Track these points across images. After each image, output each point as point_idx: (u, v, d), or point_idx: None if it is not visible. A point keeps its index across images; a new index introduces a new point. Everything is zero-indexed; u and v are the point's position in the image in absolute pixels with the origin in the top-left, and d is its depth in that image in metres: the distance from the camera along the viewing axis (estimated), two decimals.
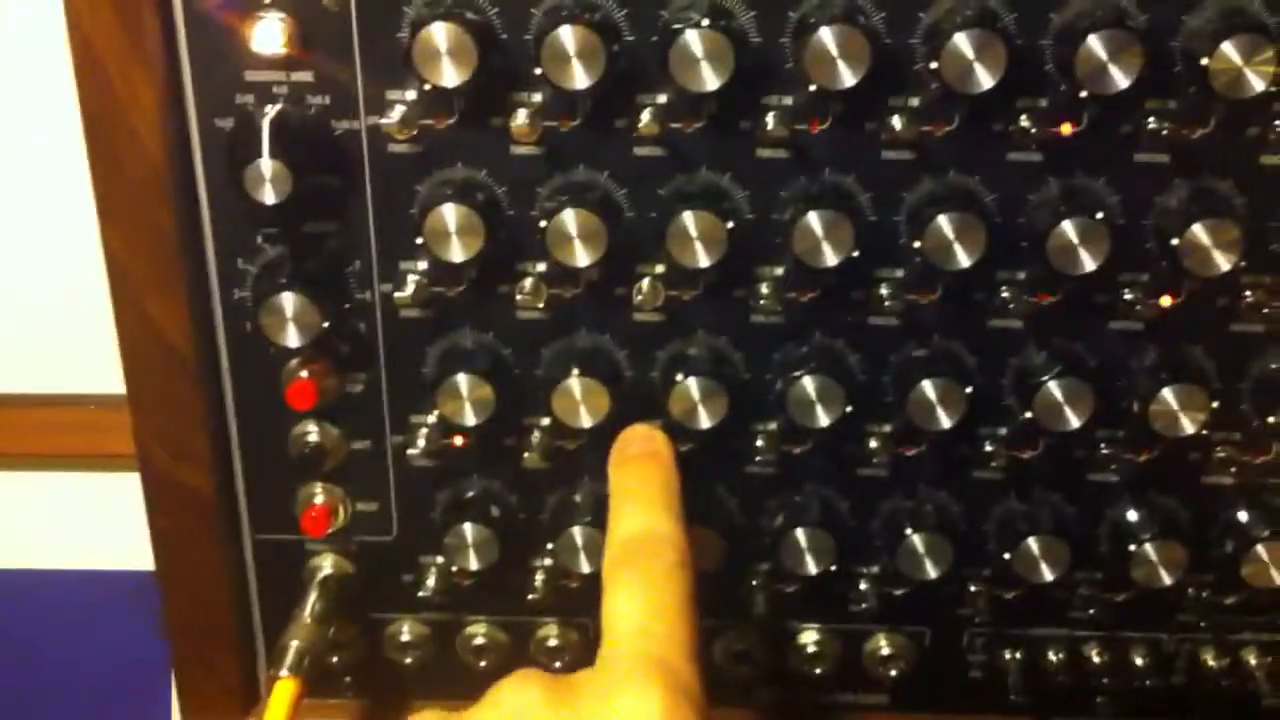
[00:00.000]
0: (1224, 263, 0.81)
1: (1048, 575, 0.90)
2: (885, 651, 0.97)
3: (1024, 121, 0.81)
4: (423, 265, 0.86)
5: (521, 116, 0.81)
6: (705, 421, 0.86)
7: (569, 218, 0.82)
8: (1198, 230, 0.81)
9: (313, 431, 0.91)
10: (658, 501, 0.79)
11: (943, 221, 0.81)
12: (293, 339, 0.85)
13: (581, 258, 0.82)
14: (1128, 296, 0.85)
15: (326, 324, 0.85)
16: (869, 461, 0.90)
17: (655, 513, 0.78)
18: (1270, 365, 0.87)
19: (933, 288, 0.86)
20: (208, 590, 0.95)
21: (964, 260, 0.82)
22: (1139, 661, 0.96)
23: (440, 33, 0.78)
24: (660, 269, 0.86)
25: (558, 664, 0.96)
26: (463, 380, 0.86)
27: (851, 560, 0.93)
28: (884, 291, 0.86)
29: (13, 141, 1.09)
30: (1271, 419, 0.87)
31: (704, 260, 0.82)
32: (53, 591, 1.25)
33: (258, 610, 0.97)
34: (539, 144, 0.83)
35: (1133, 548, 0.89)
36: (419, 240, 0.83)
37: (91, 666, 1.28)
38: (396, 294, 0.86)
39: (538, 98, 0.82)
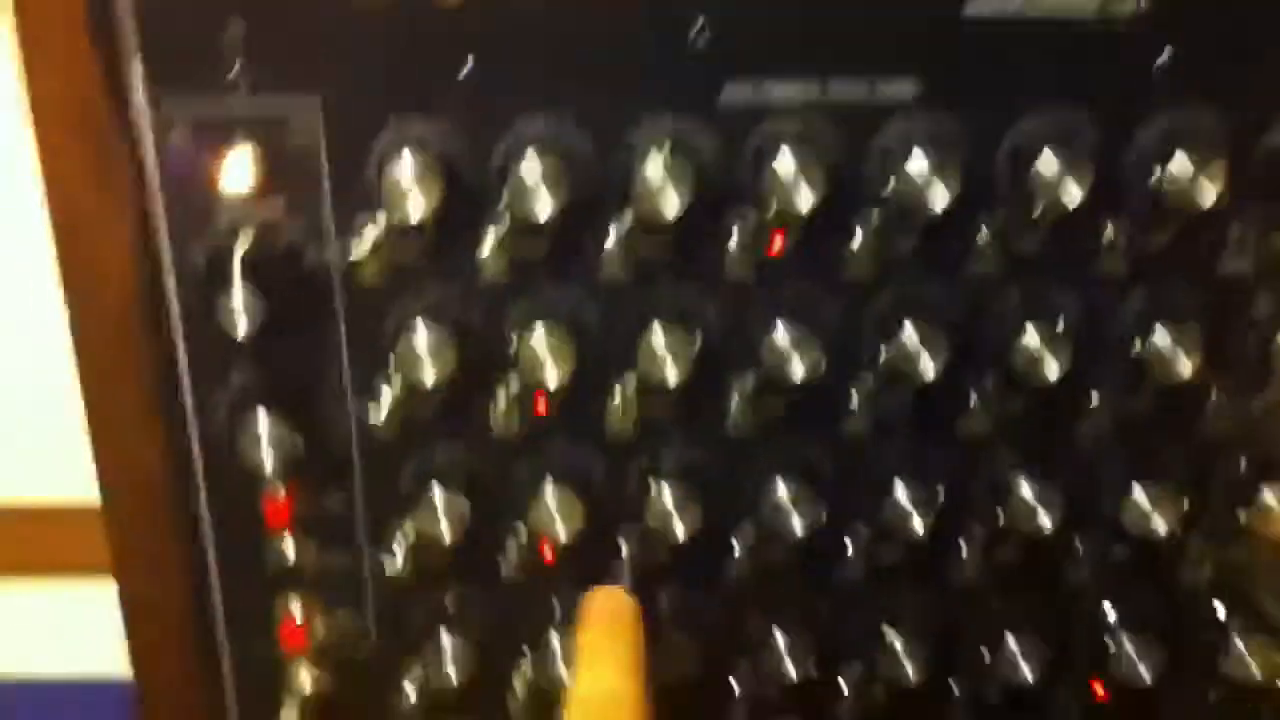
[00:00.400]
0: (1187, 369, 0.82)
1: (1028, 675, 0.91)
2: None
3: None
4: (396, 387, 0.87)
5: (488, 246, 0.83)
6: (681, 533, 0.87)
7: (539, 339, 0.83)
8: (1160, 335, 0.82)
9: (289, 547, 0.92)
10: (618, 661, 0.81)
11: (909, 331, 0.82)
12: (268, 460, 0.86)
13: (551, 378, 0.83)
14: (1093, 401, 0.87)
15: (301, 444, 0.86)
16: (847, 567, 0.91)
17: (615, 672, 0.80)
18: (1238, 465, 0.88)
19: (902, 398, 0.87)
20: (187, 706, 0.95)
21: (929, 370, 0.83)
22: None
23: (407, 165, 0.79)
24: (632, 385, 0.87)
25: None
26: (438, 495, 0.87)
27: (833, 665, 0.94)
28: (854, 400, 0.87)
29: None
30: (1243, 517, 0.88)
31: (673, 376, 0.83)
32: (36, 700, 1.25)
33: None
34: (507, 271, 0.84)
35: (1111, 645, 0.90)
36: (391, 364, 0.84)
37: None
38: (371, 419, 0.87)
39: (505, 227, 0.83)
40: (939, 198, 0.79)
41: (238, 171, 0.83)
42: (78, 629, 1.22)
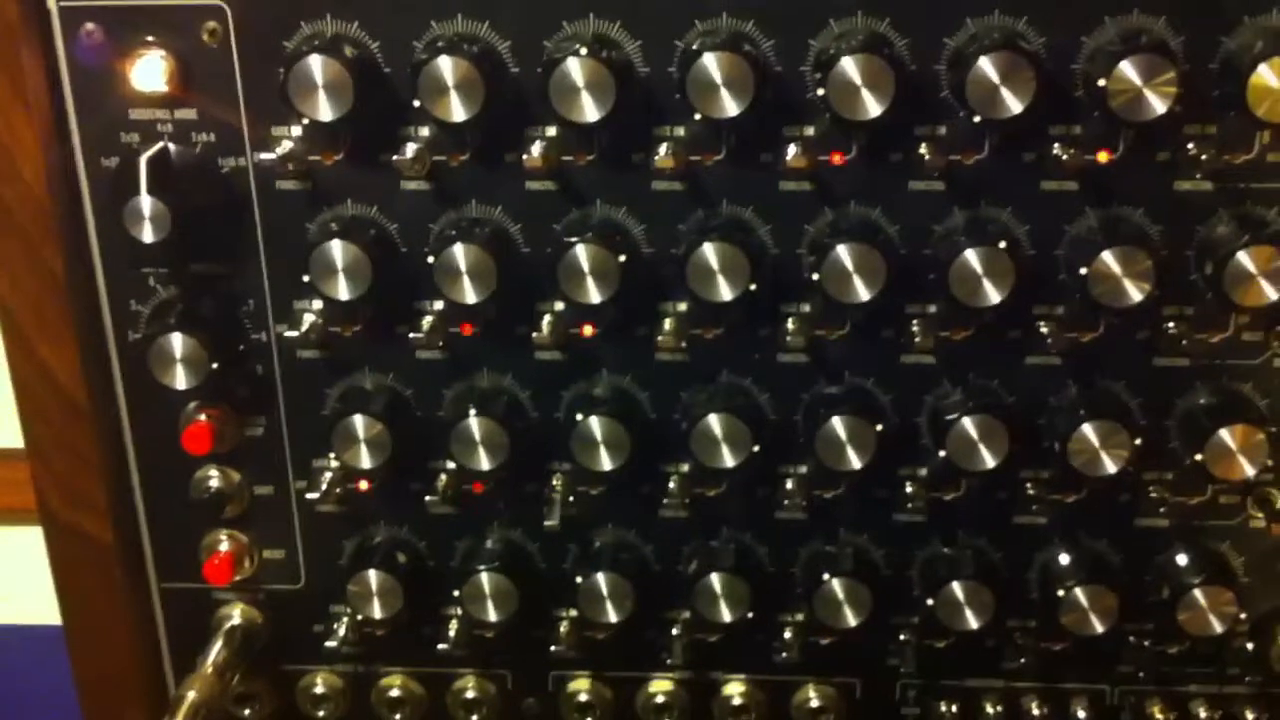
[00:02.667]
0: (1136, 293, 0.78)
1: (973, 622, 0.86)
2: (814, 703, 0.93)
3: (923, 150, 0.79)
4: (317, 305, 0.84)
5: (410, 151, 0.80)
6: (608, 463, 0.84)
7: (459, 253, 0.80)
8: (1107, 259, 0.78)
9: (214, 476, 0.89)
10: None
11: (840, 253, 0.79)
12: (182, 381, 0.84)
13: (471, 295, 0.80)
14: (1043, 329, 0.82)
15: (215, 364, 0.84)
16: (784, 504, 0.87)
17: None
18: (1197, 400, 0.84)
19: (840, 323, 0.83)
20: (115, 641, 0.93)
21: (863, 293, 0.79)
22: (1081, 714, 0.92)
23: (316, 67, 0.77)
24: (559, 306, 0.84)
25: (474, 717, 0.94)
26: (358, 421, 0.84)
27: (772, 608, 0.90)
28: (790, 327, 0.83)
29: None
30: (1200, 457, 0.83)
31: (597, 296, 0.80)
32: None
33: (168, 661, 0.95)
34: (428, 179, 0.82)
35: (1062, 593, 0.86)
36: (307, 279, 0.81)
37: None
38: (290, 333, 0.85)
39: (425, 132, 0.81)
40: (871, 106, 0.75)
41: (149, 76, 0.80)
42: (10, 575, 1.20)
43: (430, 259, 0.80)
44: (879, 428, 0.83)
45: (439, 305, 0.84)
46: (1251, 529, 0.87)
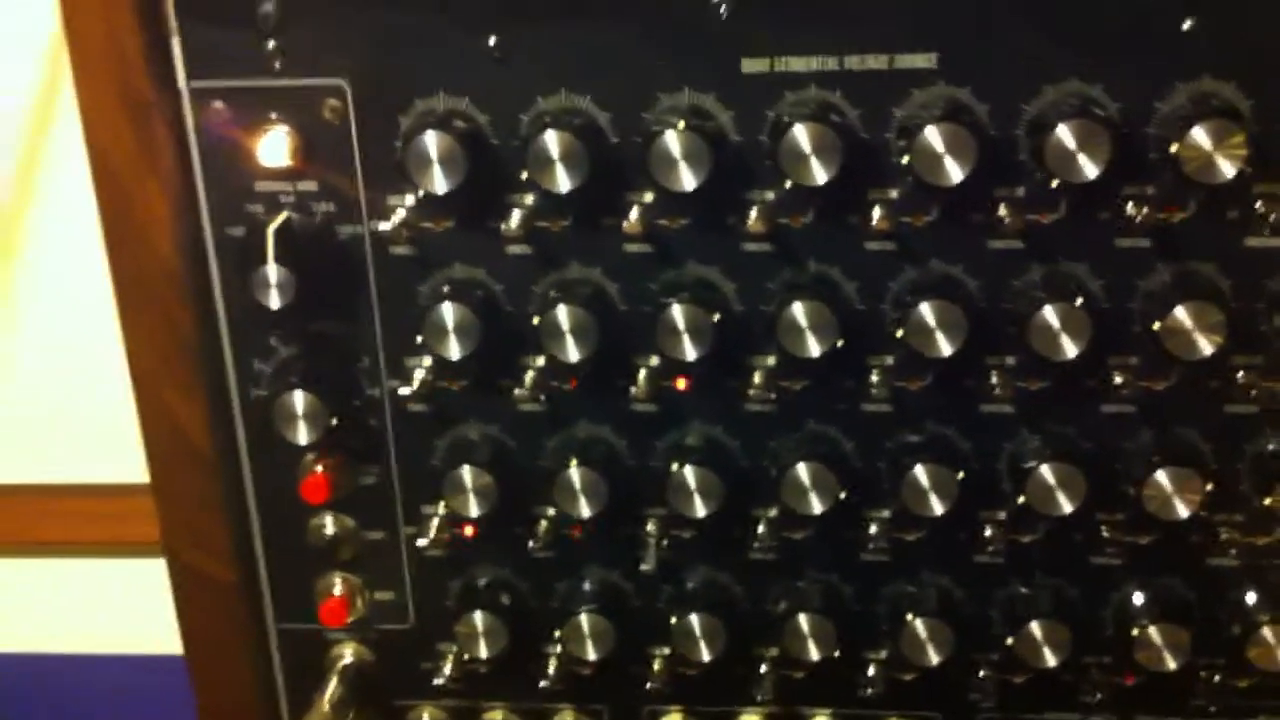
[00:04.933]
0: (1207, 346, 0.82)
1: (1051, 660, 0.90)
2: None
3: (1002, 211, 0.83)
4: (427, 361, 0.89)
5: (516, 218, 0.85)
6: (702, 509, 0.88)
7: (562, 313, 0.85)
8: (1180, 314, 0.82)
9: (329, 523, 0.95)
10: None
11: (923, 309, 0.83)
12: (303, 436, 0.89)
13: (573, 351, 0.85)
14: (1118, 380, 0.86)
15: (336, 420, 0.89)
16: (869, 547, 0.91)
17: None
18: (1266, 446, 0.87)
19: (923, 374, 0.88)
20: (235, 678, 0.98)
21: (945, 346, 0.83)
22: None
23: (431, 142, 0.82)
24: (654, 361, 0.88)
25: None
26: (466, 472, 0.89)
27: (857, 645, 0.94)
28: (874, 379, 0.87)
29: (42, 231, 1.15)
30: (1269, 500, 0.86)
31: (691, 352, 0.85)
32: (84, 676, 1.29)
33: (284, 698, 1.00)
34: (531, 243, 0.87)
35: (1136, 631, 0.89)
36: (420, 339, 0.86)
37: None
38: (402, 389, 0.90)
39: (530, 199, 0.86)
40: (954, 171, 0.80)
41: (274, 152, 0.86)
42: (133, 606, 1.26)
43: (534, 318, 0.85)
44: (960, 474, 0.87)
45: (540, 361, 0.89)
46: None
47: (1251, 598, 0.90)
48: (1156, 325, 0.82)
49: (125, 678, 1.28)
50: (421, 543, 0.93)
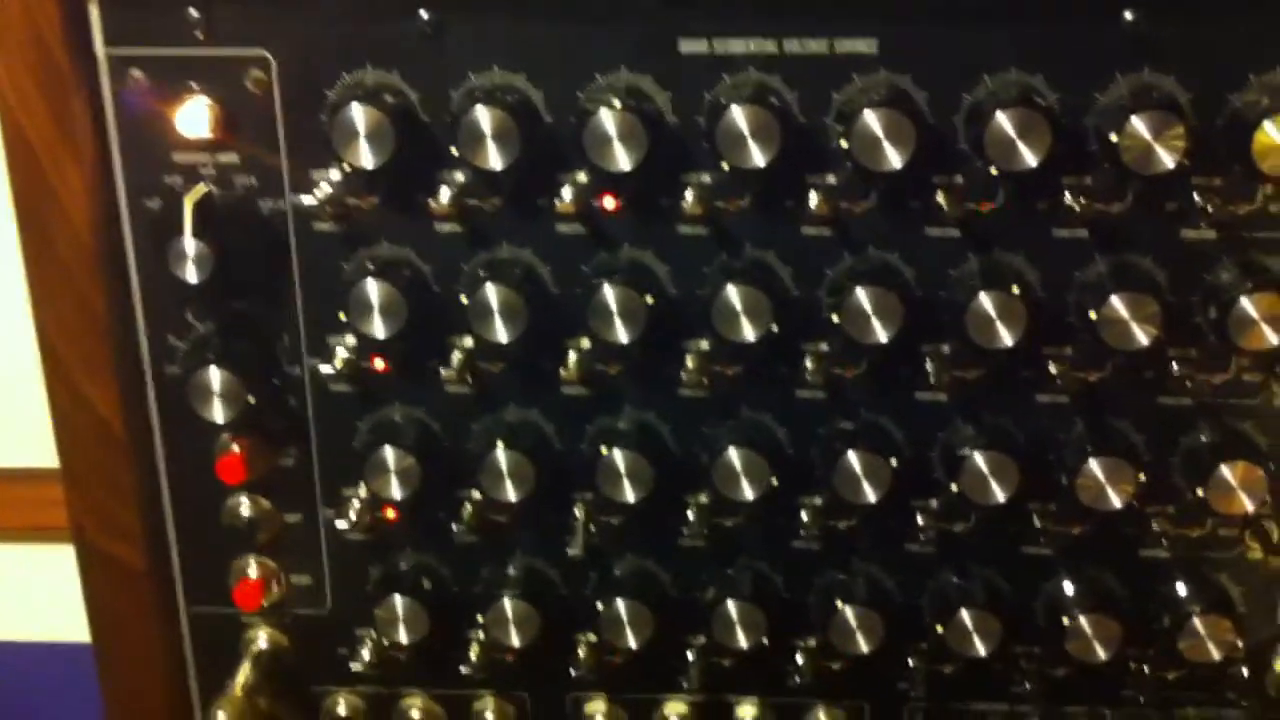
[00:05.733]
0: (1143, 337, 0.81)
1: (981, 649, 0.90)
2: None
3: (940, 198, 0.82)
4: (350, 341, 0.87)
5: (445, 196, 0.83)
6: (631, 495, 0.87)
7: (491, 293, 0.83)
8: (1116, 303, 0.81)
9: (245, 505, 0.92)
10: None
11: (860, 295, 0.82)
12: (220, 414, 0.86)
13: (502, 333, 0.83)
14: (1053, 370, 0.85)
15: (254, 399, 0.86)
16: (800, 535, 0.90)
17: None
18: (1199, 438, 0.87)
19: (858, 362, 0.86)
20: (144, 663, 0.96)
21: (881, 333, 0.82)
22: None
23: (358, 115, 0.79)
24: (586, 344, 0.86)
25: None
26: (389, 453, 0.87)
27: (787, 634, 0.93)
28: (809, 365, 0.86)
29: None
30: (1202, 492, 0.86)
31: (624, 335, 0.83)
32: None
33: (195, 683, 0.97)
34: (462, 222, 0.84)
35: (1067, 621, 0.89)
36: (344, 316, 0.84)
37: None
38: (324, 368, 0.87)
39: (460, 177, 0.83)
40: (893, 157, 0.79)
41: (193, 122, 0.83)
42: (46, 593, 1.22)
43: (463, 298, 0.83)
44: (893, 462, 0.86)
45: (469, 342, 0.86)
46: (1249, 561, 0.90)
47: (1182, 589, 0.90)
48: (1093, 314, 0.81)
49: (37, 665, 1.25)
50: (341, 526, 0.91)
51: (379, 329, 0.83)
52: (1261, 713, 0.93)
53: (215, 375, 0.85)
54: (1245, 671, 0.91)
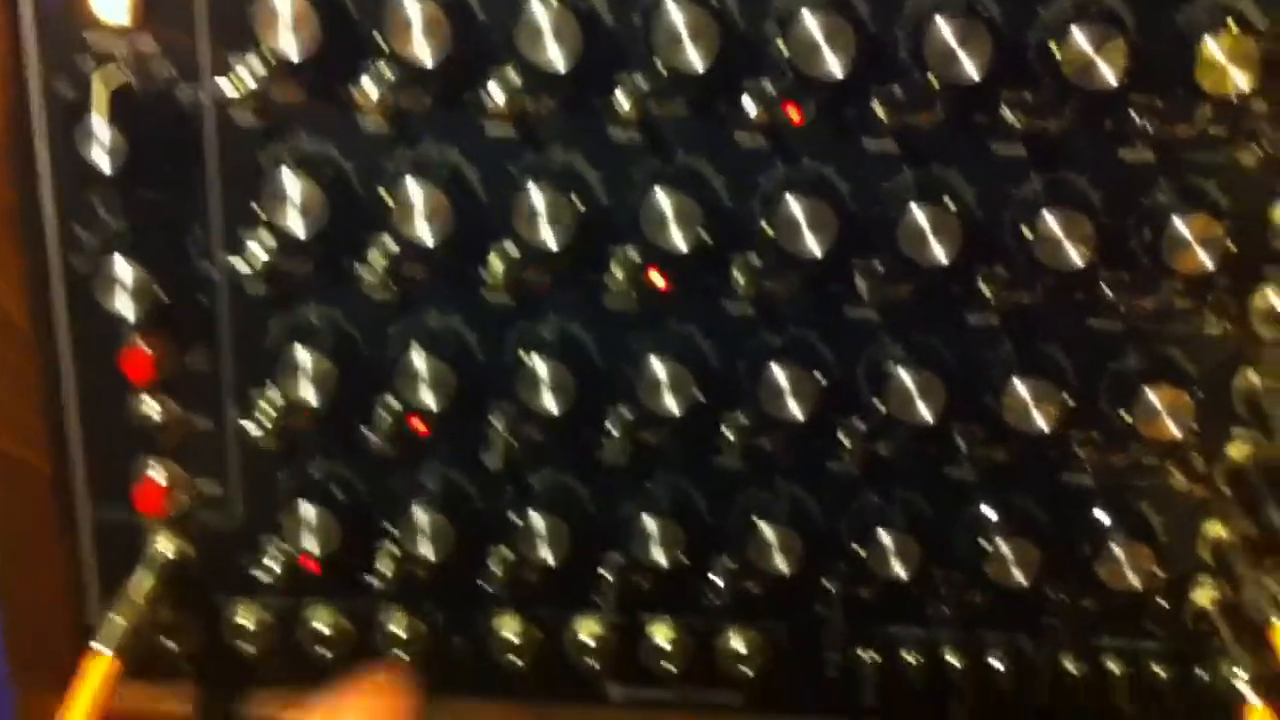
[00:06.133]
0: (1077, 257, 0.80)
1: (901, 572, 0.89)
2: (739, 648, 0.95)
3: (878, 109, 0.80)
4: (267, 239, 0.84)
5: (372, 90, 0.80)
6: (553, 405, 0.85)
7: (415, 194, 0.80)
8: (1050, 221, 0.80)
9: (152, 406, 0.89)
10: None
11: (792, 205, 0.80)
12: (129, 309, 0.83)
13: (426, 235, 0.81)
14: (984, 290, 0.84)
15: (165, 295, 0.83)
16: (723, 452, 0.88)
17: None
18: (1128, 363, 0.86)
19: (787, 275, 0.85)
20: (44, 569, 0.93)
21: (814, 246, 0.80)
22: (998, 665, 0.95)
23: (283, 2, 0.76)
24: (511, 250, 0.84)
25: (403, 654, 0.94)
26: (304, 356, 0.84)
27: (706, 552, 0.91)
28: (738, 277, 0.84)
29: None
30: (1129, 418, 0.85)
31: (552, 242, 0.81)
32: None
33: (97, 590, 0.94)
34: (388, 119, 0.82)
35: (987, 546, 0.88)
36: (261, 213, 0.81)
37: None
38: (238, 266, 0.84)
39: (387, 72, 0.81)
40: (834, 66, 0.77)
41: (109, 3, 0.79)
42: None
43: (386, 198, 0.81)
44: (821, 379, 0.85)
45: (391, 245, 0.84)
46: (1172, 489, 0.90)
47: (1104, 517, 0.90)
48: (1027, 232, 0.80)
49: None
50: (252, 431, 0.88)
51: (298, 227, 0.81)
52: (1178, 644, 0.93)
53: (125, 268, 0.82)
54: (1164, 603, 0.91)
